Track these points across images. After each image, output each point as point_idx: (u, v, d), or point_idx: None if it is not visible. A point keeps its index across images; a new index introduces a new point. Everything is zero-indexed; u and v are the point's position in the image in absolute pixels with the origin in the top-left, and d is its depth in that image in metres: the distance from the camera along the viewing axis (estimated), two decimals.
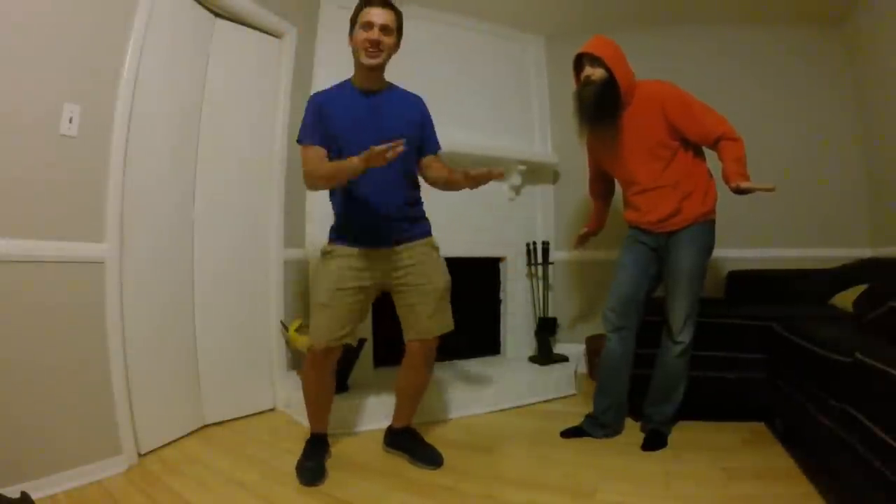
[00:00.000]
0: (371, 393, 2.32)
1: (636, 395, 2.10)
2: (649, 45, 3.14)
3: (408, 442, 1.91)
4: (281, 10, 2.45)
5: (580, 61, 1.97)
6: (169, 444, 1.96)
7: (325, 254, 1.77)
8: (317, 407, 1.83)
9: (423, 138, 1.82)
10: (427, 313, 1.76)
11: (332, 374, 1.81)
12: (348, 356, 2.07)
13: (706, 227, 1.96)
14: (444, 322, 1.81)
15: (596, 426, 2.06)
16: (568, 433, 2.09)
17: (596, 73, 1.90)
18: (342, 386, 2.09)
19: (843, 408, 1.38)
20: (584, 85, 1.94)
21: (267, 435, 2.09)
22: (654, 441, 1.95)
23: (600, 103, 1.89)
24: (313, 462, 1.75)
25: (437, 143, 1.89)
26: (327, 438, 1.89)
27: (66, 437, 1.61)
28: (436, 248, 1.85)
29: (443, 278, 1.81)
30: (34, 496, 1.39)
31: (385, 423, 2.06)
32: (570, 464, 1.83)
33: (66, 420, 1.61)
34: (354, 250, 1.73)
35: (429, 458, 1.83)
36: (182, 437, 2.04)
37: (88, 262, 1.69)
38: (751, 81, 3.00)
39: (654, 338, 2.06)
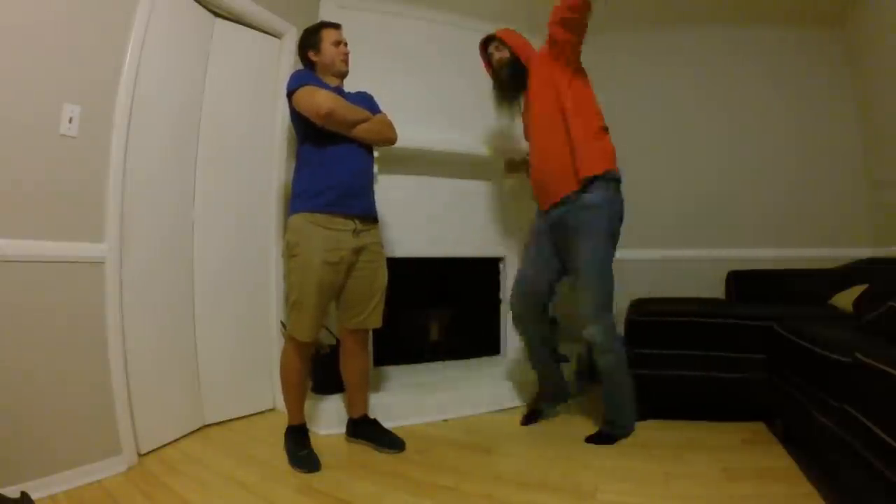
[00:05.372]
0: (372, 392, 2.32)
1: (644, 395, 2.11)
2: (649, 46, 3.15)
3: (370, 431, 2.02)
4: (281, 9, 2.45)
5: (486, 49, 2.26)
6: (169, 444, 1.96)
7: (296, 243, 1.80)
8: (299, 395, 1.93)
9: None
10: (372, 307, 1.95)
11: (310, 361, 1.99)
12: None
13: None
14: (380, 317, 2.00)
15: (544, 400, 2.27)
16: (527, 420, 2.22)
17: (499, 55, 2.19)
18: (340, 386, 2.10)
19: (843, 408, 1.38)
20: (499, 68, 2.20)
21: (267, 435, 2.09)
22: (601, 439, 1.98)
23: (514, 79, 2.16)
24: (307, 450, 1.83)
25: None
26: (307, 427, 1.96)
27: (66, 437, 1.61)
28: (383, 247, 2.03)
29: (386, 277, 2.00)
30: (34, 496, 1.39)
31: (386, 422, 2.07)
32: (570, 464, 1.83)
33: (66, 420, 1.61)
34: (329, 222, 1.81)
35: (392, 443, 1.97)
36: (182, 437, 2.04)
37: (88, 262, 1.69)
38: (751, 81, 3.00)
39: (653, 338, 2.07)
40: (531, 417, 2.24)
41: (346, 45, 1.98)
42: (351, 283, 1.90)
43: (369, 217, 1.92)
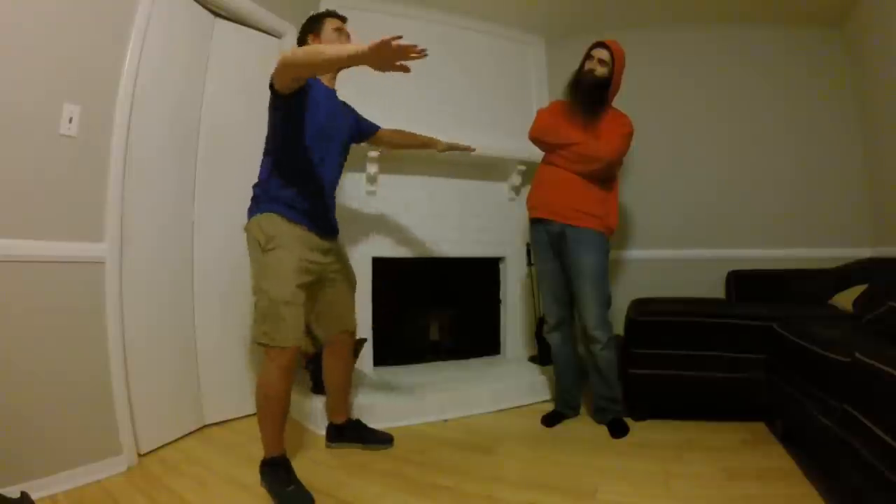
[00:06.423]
0: (372, 392, 2.32)
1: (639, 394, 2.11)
2: (649, 46, 3.14)
3: (356, 432, 2.01)
4: (281, 9, 2.45)
5: (591, 50, 2.22)
6: (169, 444, 1.96)
7: (273, 236, 1.66)
8: (282, 421, 1.67)
9: (358, 128, 2.01)
10: (350, 307, 1.96)
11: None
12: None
13: (602, 237, 2.17)
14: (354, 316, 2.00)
15: (567, 407, 2.31)
16: (549, 420, 2.24)
17: (601, 70, 2.17)
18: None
19: (843, 408, 1.38)
20: (588, 72, 2.19)
21: None
22: (621, 428, 2.09)
23: (591, 95, 2.17)
24: (295, 485, 1.58)
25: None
26: (287, 458, 1.68)
27: (66, 437, 1.61)
28: (343, 246, 1.99)
29: (354, 276, 1.99)
30: (34, 496, 1.39)
31: (386, 423, 2.07)
32: (570, 464, 1.83)
33: (67, 420, 1.61)
34: (306, 234, 1.70)
35: (382, 439, 1.98)
36: (182, 437, 2.04)
37: (88, 261, 1.69)
38: (751, 81, 3.00)
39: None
40: (555, 417, 2.27)
41: (348, 36, 1.84)
42: (326, 289, 1.85)
43: (335, 232, 1.88)
